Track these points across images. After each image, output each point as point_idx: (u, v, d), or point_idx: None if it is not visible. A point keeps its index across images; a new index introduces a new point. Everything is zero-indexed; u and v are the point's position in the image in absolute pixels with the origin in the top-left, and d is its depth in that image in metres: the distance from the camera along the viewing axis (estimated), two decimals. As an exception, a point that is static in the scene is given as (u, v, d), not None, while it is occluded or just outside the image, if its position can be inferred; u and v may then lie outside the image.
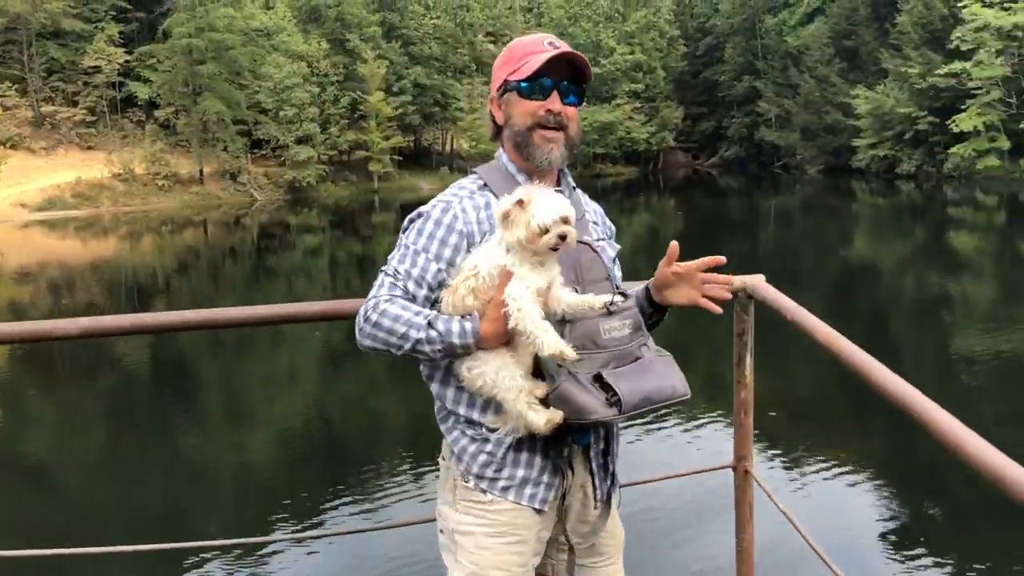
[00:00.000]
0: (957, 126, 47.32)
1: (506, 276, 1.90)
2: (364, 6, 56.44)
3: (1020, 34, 44.41)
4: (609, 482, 2.10)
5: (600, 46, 66.81)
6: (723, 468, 1.97)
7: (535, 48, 2.10)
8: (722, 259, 1.77)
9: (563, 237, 1.86)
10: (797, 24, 63.17)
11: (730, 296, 1.82)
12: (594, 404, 1.81)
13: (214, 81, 49.59)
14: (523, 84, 2.06)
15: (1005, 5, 45.62)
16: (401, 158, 59.17)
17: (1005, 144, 46.53)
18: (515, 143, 2.10)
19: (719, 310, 1.84)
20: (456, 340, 1.91)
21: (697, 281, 1.95)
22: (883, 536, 7.07)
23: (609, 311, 1.89)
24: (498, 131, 2.17)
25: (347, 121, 55.14)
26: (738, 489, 1.91)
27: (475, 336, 1.91)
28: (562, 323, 1.88)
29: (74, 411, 11.89)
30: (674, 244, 2.02)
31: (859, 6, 58.50)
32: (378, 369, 12.74)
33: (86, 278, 26.35)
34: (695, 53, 75.46)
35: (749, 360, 1.87)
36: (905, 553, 6.78)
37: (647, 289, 2.12)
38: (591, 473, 2.06)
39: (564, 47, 2.09)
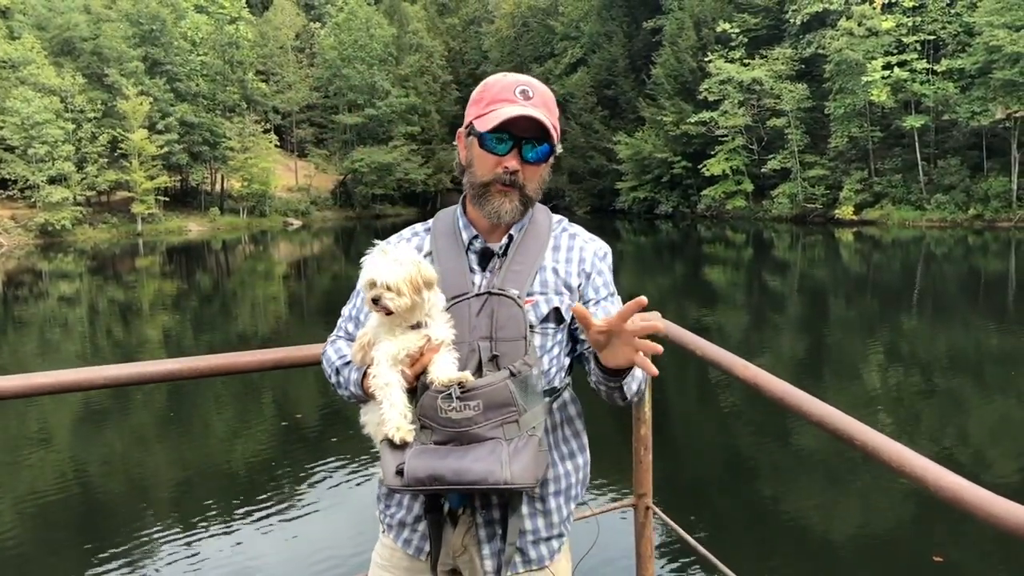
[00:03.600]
0: (708, 170, 51.38)
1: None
2: (124, 40, 53.28)
3: (758, 87, 49.17)
4: (498, 560, 1.92)
5: (375, 88, 66.97)
6: (624, 506, 1.97)
7: (504, 96, 2.02)
8: (643, 300, 1.62)
9: (375, 300, 1.79)
10: (562, 73, 66.30)
11: (661, 349, 1.67)
12: (388, 468, 1.78)
13: (-51, 115, 44.89)
14: (485, 135, 1.99)
15: (744, 61, 50.41)
16: (167, 199, 56.07)
17: (749, 187, 51.12)
18: (471, 190, 2.06)
19: (655, 371, 1.70)
20: (352, 388, 1.96)
21: (628, 335, 1.69)
22: (788, 565, 7.24)
23: (449, 393, 1.77)
24: (463, 169, 2.11)
25: (106, 160, 51.59)
26: (639, 526, 1.91)
27: (358, 387, 1.93)
28: (425, 389, 1.81)
29: None
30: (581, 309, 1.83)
31: (618, 58, 62.30)
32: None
33: None
34: (467, 98, 77.15)
35: (647, 396, 1.89)
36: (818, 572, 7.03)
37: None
38: (478, 541, 1.93)
39: (531, 104, 1.99)
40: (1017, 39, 37.19)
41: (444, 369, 1.79)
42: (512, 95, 2.00)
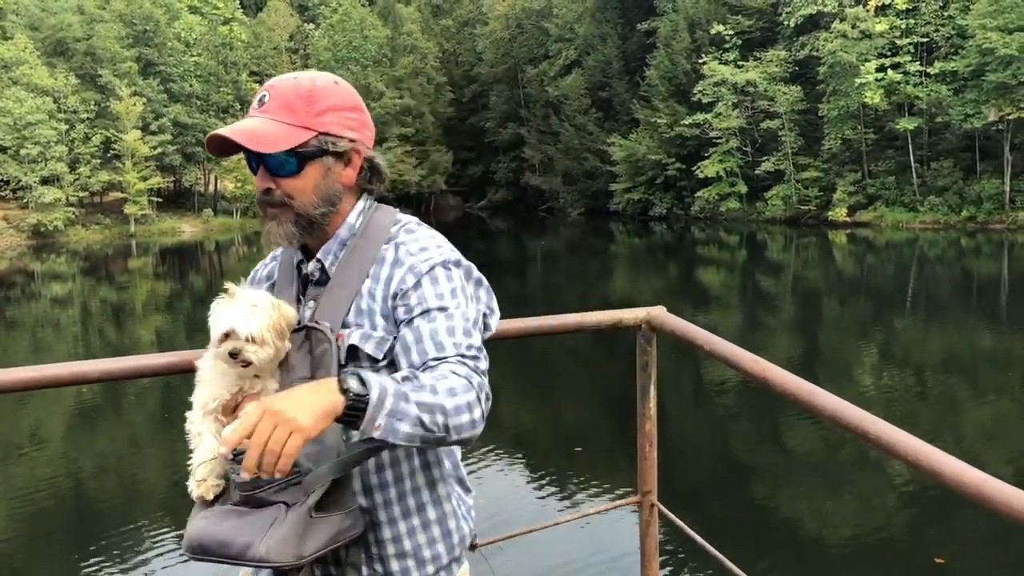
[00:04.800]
0: (702, 172, 51.40)
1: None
2: (118, 40, 53.16)
3: (752, 89, 49.24)
4: None
5: (370, 89, 66.88)
6: (629, 504, 1.95)
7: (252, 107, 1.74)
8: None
9: (234, 354, 1.57)
10: (556, 75, 66.29)
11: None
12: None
13: (-60, 116, 44.71)
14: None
15: (738, 63, 50.48)
16: (160, 199, 56.00)
17: (743, 188, 51.18)
18: None
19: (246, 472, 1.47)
20: None
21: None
22: (793, 562, 7.24)
23: (228, 457, 1.56)
24: None
25: (99, 161, 51.50)
26: (643, 523, 1.89)
27: None
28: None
29: None
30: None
31: (612, 60, 62.32)
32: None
33: None
34: (462, 100, 77.38)
35: (653, 392, 1.87)
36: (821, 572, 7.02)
37: None
38: None
39: (262, 111, 1.70)
40: (1010, 42, 37.31)
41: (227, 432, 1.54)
42: (252, 106, 1.75)
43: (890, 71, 42.85)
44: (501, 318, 1.86)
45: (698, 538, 1.75)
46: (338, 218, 1.76)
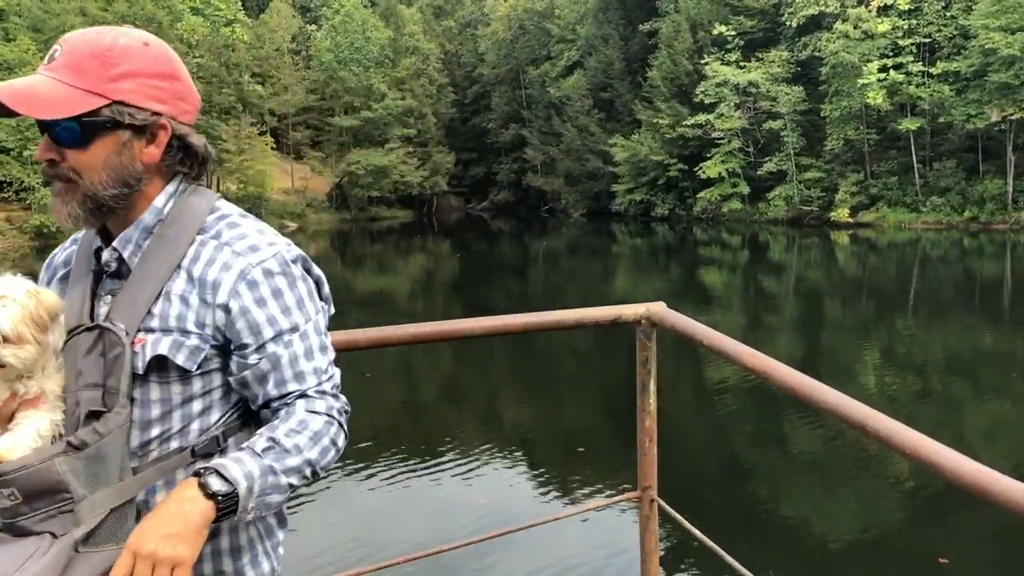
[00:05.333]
0: (704, 173, 51.43)
1: None
2: (119, 42, 53.23)
3: (754, 90, 49.24)
4: None
5: (372, 90, 66.94)
6: (628, 499, 1.95)
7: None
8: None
9: None
10: (558, 76, 66.34)
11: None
12: None
13: (-58, 117, 44.69)
14: None
15: (740, 64, 50.49)
16: (163, 201, 56.06)
17: (745, 189, 51.18)
18: None
19: None
20: None
21: None
22: (792, 558, 7.26)
23: None
24: None
25: (102, 162, 51.55)
26: (643, 519, 1.89)
27: None
28: None
29: None
30: None
31: (614, 61, 62.34)
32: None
33: None
34: (464, 101, 77.43)
35: (652, 387, 1.87)
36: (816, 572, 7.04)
37: None
38: None
39: (50, 68, 1.46)
40: (1012, 42, 37.29)
41: (4, 441, 1.37)
42: (45, 59, 1.50)
43: (892, 71, 42.84)
44: (504, 313, 1.81)
45: (697, 533, 1.75)
46: (143, 202, 1.53)
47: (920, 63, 43.39)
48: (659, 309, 1.80)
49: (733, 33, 51.09)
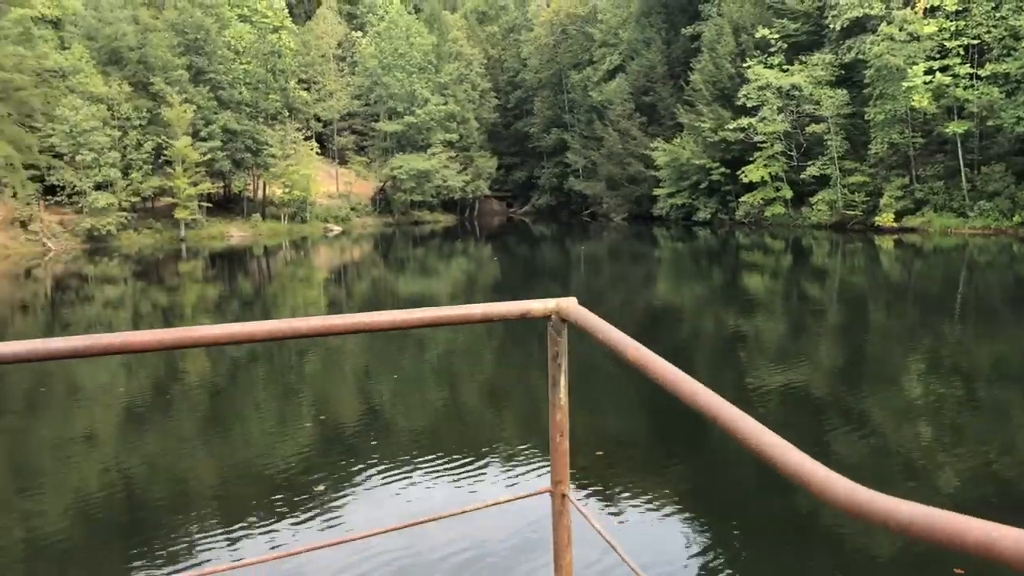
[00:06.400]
0: (746, 176, 50.98)
1: None
2: (169, 49, 54.35)
3: (797, 93, 48.68)
4: None
5: (415, 96, 67.53)
6: (539, 494, 1.97)
7: None
8: None
9: None
10: (600, 80, 66.35)
11: None
12: None
13: (2, 123, 46.01)
14: None
15: (783, 67, 49.96)
16: (210, 205, 57.05)
17: (788, 193, 50.60)
18: None
19: None
20: None
21: None
22: (700, 553, 7.37)
23: None
24: None
25: (151, 166, 52.64)
26: (556, 514, 1.91)
27: None
28: None
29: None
30: None
31: (656, 64, 62.14)
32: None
33: None
34: (506, 105, 77.80)
35: (564, 382, 1.89)
36: (722, 569, 7.09)
37: None
38: None
39: None
40: (1065, 43, 36.42)
41: None
42: None
43: (939, 74, 42.00)
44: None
45: (603, 532, 1.77)
46: None
47: (968, 65, 42.49)
48: (569, 304, 1.82)
49: (776, 36, 50.57)
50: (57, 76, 50.45)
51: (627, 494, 8.69)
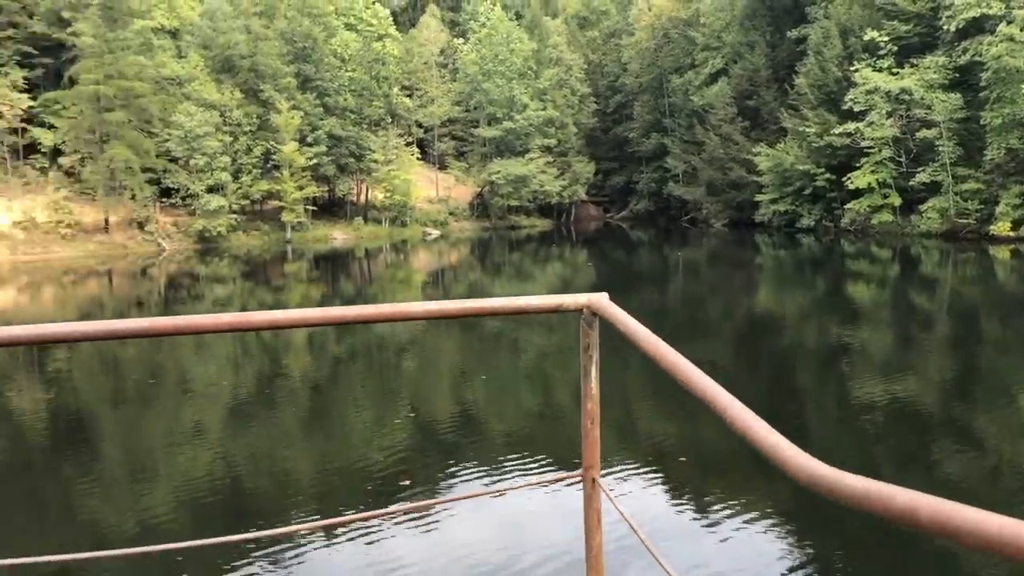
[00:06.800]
0: (852, 183, 49.47)
1: None
2: (279, 57, 56.37)
3: (907, 97, 46.98)
4: None
5: (514, 101, 68.06)
6: (571, 477, 2.06)
7: None
8: None
9: None
10: (702, 84, 65.47)
11: None
12: None
13: (122, 129, 48.58)
14: None
15: (893, 70, 48.31)
16: (315, 208, 58.82)
17: (896, 200, 48.86)
18: None
19: None
20: None
21: None
22: (723, 541, 7.61)
23: None
24: None
25: (260, 171, 54.65)
26: (586, 497, 2.00)
27: None
28: None
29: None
30: None
31: (760, 68, 60.97)
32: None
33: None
34: (606, 110, 77.57)
35: (595, 373, 1.98)
36: (742, 554, 7.33)
37: None
38: None
39: None
40: None
41: None
42: None
43: (1062, 75, 39.93)
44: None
45: (629, 519, 1.84)
46: None
47: (1095, 66, 40.24)
48: (599, 300, 1.91)
49: (886, 39, 48.91)
50: (174, 84, 52.92)
51: (655, 482, 9.11)
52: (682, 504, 8.57)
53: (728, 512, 8.24)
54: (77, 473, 10.37)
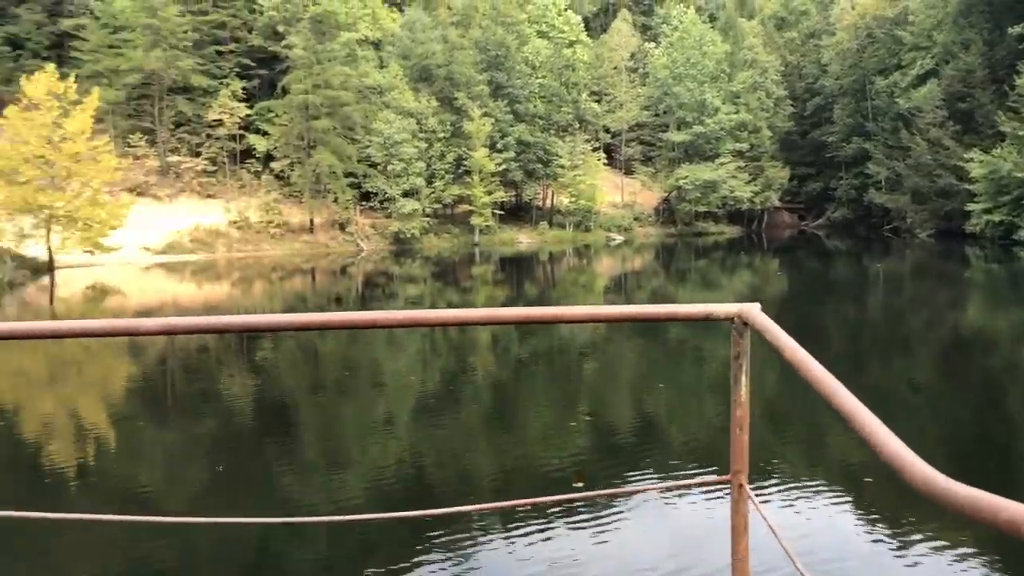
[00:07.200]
0: (1081, 192, 45.22)
1: None
2: (473, 66, 58.17)
3: None
4: None
5: (705, 105, 66.85)
6: (719, 481, 2.07)
7: None
8: None
9: None
10: (909, 86, 61.74)
11: None
12: None
13: (327, 135, 51.78)
14: None
15: None
16: (502, 212, 60.22)
17: None
18: None
19: None
20: None
21: None
22: (869, 560, 7.46)
23: None
24: None
25: (452, 176, 56.63)
26: (733, 501, 2.02)
27: None
28: None
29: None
30: None
31: (975, 68, 56.78)
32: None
33: (198, 319, 27.54)
34: (803, 113, 74.64)
35: (744, 380, 1.99)
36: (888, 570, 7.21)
37: None
38: None
39: None
40: None
41: None
42: None
43: None
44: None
45: (772, 525, 1.83)
46: None
47: None
48: (750, 309, 1.92)
49: None
50: (375, 92, 55.78)
51: (803, 493, 9.07)
52: (829, 517, 8.48)
53: (878, 533, 8.06)
54: (279, 453, 11.23)
